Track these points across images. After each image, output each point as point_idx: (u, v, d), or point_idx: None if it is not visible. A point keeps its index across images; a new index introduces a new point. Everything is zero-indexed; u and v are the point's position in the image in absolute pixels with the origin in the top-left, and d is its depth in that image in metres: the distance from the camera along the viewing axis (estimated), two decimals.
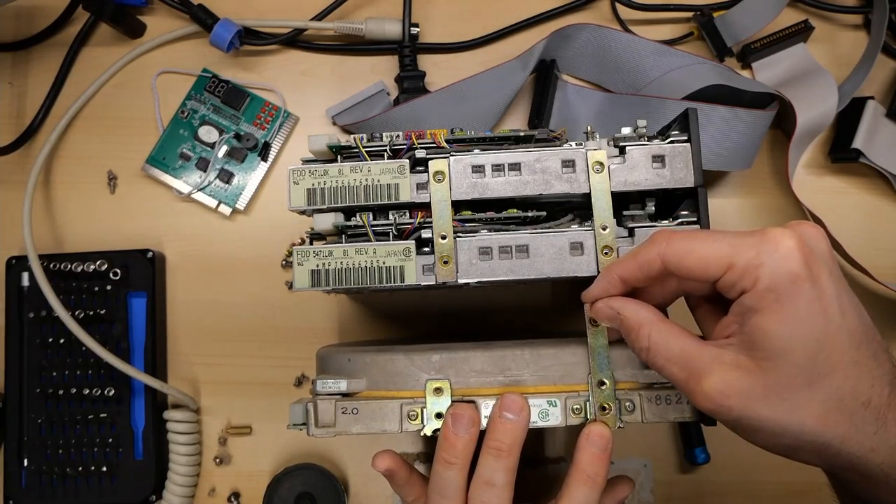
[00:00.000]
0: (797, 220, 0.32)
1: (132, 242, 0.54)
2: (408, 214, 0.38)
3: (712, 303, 0.34)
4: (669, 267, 0.32)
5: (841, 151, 0.52)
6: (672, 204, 0.38)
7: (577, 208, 0.40)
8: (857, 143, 0.51)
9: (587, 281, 0.36)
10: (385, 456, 0.38)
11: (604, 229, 0.36)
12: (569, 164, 0.37)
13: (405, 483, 0.39)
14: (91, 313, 0.52)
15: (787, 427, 0.29)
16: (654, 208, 0.38)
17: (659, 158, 0.37)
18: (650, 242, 0.32)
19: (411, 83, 0.54)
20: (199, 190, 0.54)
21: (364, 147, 0.38)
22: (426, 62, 0.55)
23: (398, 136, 0.38)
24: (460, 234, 0.37)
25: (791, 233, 0.30)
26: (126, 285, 0.52)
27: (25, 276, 0.53)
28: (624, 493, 0.38)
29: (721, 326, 0.32)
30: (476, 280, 0.36)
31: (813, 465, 0.32)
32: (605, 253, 0.36)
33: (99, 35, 0.57)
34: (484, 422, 0.35)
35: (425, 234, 0.37)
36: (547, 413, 0.35)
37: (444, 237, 0.36)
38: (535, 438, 0.51)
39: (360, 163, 0.37)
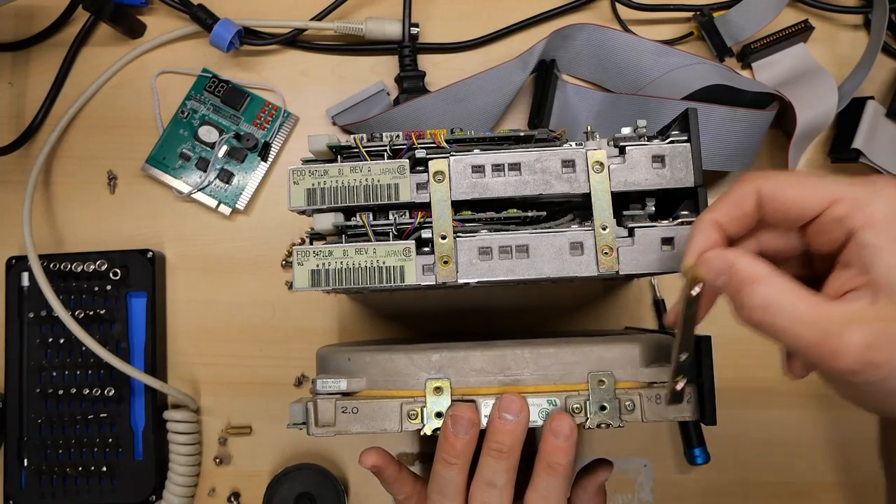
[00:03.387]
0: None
1: (132, 242, 0.54)
2: (408, 214, 0.38)
3: (798, 267, 0.32)
4: (765, 202, 0.29)
5: (841, 151, 0.52)
6: (672, 204, 0.38)
7: (577, 208, 0.40)
8: (857, 143, 0.51)
9: (587, 280, 0.36)
10: (372, 452, 0.38)
11: (604, 229, 0.36)
12: (569, 164, 0.37)
13: (394, 481, 0.39)
14: (91, 313, 0.52)
15: None
16: (654, 208, 0.38)
17: (659, 158, 0.37)
18: (742, 181, 0.30)
19: (411, 83, 0.54)
20: (199, 190, 0.54)
21: (364, 147, 0.38)
22: (426, 62, 0.55)
23: (398, 136, 0.38)
24: (460, 234, 0.37)
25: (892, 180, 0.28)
26: (126, 285, 0.53)
27: (25, 276, 0.53)
28: (603, 476, 0.39)
29: (837, 283, 0.29)
30: (476, 280, 0.36)
31: None
32: (605, 253, 0.36)
33: (99, 35, 0.57)
34: (484, 421, 0.35)
35: (425, 234, 0.37)
36: (547, 413, 0.35)
37: (444, 237, 0.36)
38: (534, 436, 0.51)
39: (360, 163, 0.37)
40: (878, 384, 0.27)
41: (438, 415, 0.35)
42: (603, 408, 0.35)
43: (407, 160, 0.37)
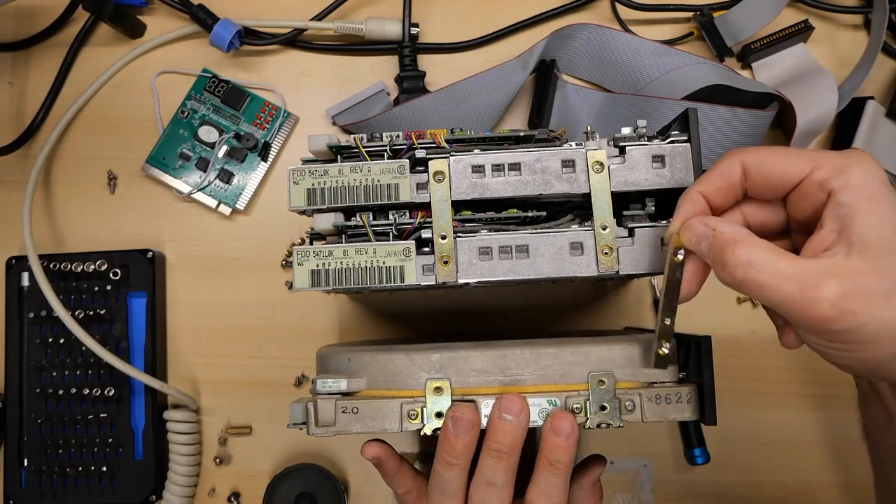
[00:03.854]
0: None
1: (132, 242, 0.54)
2: (408, 214, 0.38)
3: (780, 238, 0.34)
4: (750, 172, 0.32)
5: None
6: (672, 204, 0.38)
7: (577, 208, 0.40)
8: (857, 143, 0.51)
9: (587, 280, 0.36)
10: (374, 444, 0.38)
11: (604, 229, 0.36)
12: (569, 164, 0.37)
13: (395, 474, 0.39)
14: (91, 313, 0.52)
15: None
16: (654, 208, 0.38)
17: (659, 158, 0.37)
18: (727, 155, 0.33)
19: (411, 83, 0.54)
20: (199, 190, 0.54)
21: (364, 147, 0.38)
22: (426, 62, 0.55)
23: (398, 136, 0.38)
24: (460, 234, 0.37)
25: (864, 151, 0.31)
26: (126, 285, 0.53)
27: (25, 276, 0.53)
28: (597, 471, 0.39)
29: (814, 244, 0.31)
30: (476, 280, 0.36)
31: None
32: (605, 253, 0.36)
33: (99, 35, 0.57)
34: (484, 421, 0.35)
35: (425, 234, 0.37)
36: (547, 413, 0.35)
37: (444, 237, 0.36)
38: (535, 436, 0.51)
39: (360, 163, 0.37)
40: (855, 332, 0.29)
41: (438, 415, 0.35)
42: (603, 408, 0.35)
43: (407, 160, 0.37)
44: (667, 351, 0.34)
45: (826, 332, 0.29)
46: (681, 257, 0.33)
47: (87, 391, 0.51)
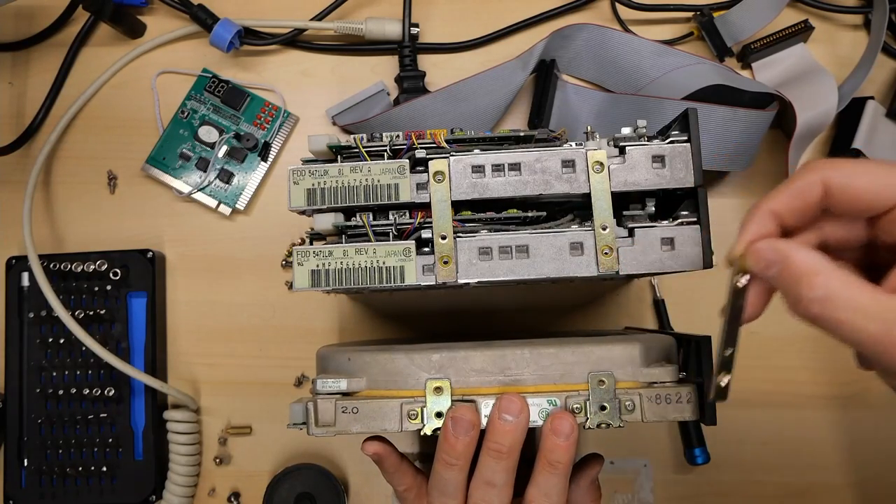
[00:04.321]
0: None
1: (132, 242, 0.54)
2: (408, 214, 0.38)
3: (859, 257, 0.31)
4: (834, 192, 0.28)
5: (841, 151, 0.52)
6: (672, 204, 0.38)
7: (577, 208, 0.40)
8: (857, 143, 0.51)
9: (587, 280, 0.36)
10: (374, 441, 0.38)
11: (604, 229, 0.36)
12: (569, 164, 0.37)
13: (395, 471, 0.39)
14: (91, 313, 0.52)
15: None
16: (654, 208, 0.38)
17: (659, 158, 0.37)
18: (806, 169, 0.29)
19: (411, 83, 0.54)
20: (199, 190, 0.54)
21: (364, 147, 0.38)
22: (426, 62, 0.55)
23: (398, 136, 0.38)
24: (460, 234, 0.37)
25: None
26: (126, 285, 0.53)
27: (25, 276, 0.53)
28: (595, 470, 0.39)
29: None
30: (476, 280, 0.36)
31: None
32: (605, 253, 0.36)
33: (99, 35, 0.57)
34: (484, 421, 0.35)
35: (425, 234, 0.37)
36: (547, 412, 0.35)
37: (444, 237, 0.36)
38: (535, 436, 0.51)
39: (360, 163, 0.37)
40: None
41: (438, 415, 0.35)
42: (603, 408, 0.35)
43: (407, 160, 0.37)
44: (726, 383, 0.31)
45: None
46: (745, 282, 0.30)
47: (87, 391, 0.51)
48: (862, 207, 0.28)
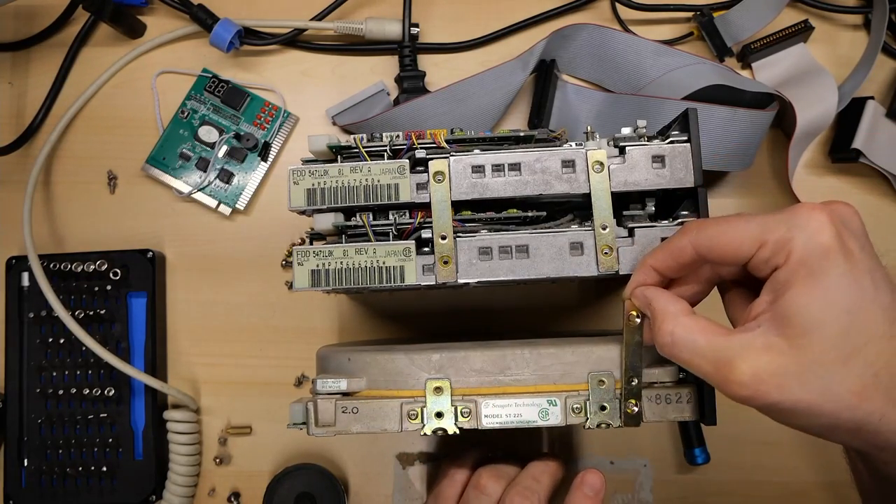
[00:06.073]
0: (829, 199, 0.31)
1: (132, 242, 0.54)
2: (408, 214, 0.38)
3: (743, 287, 0.34)
4: (701, 252, 0.32)
5: (841, 151, 0.52)
6: (672, 204, 0.38)
7: (577, 208, 0.40)
8: (857, 143, 0.51)
9: (587, 280, 0.36)
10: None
11: (604, 229, 0.36)
12: (569, 164, 0.37)
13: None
14: (91, 313, 0.52)
15: (823, 406, 0.28)
16: (654, 208, 0.38)
17: (659, 158, 0.37)
18: (681, 232, 0.33)
19: (411, 83, 0.54)
20: (199, 190, 0.54)
21: (364, 147, 0.38)
22: (426, 62, 0.55)
23: (398, 136, 0.38)
24: (460, 234, 0.37)
25: (822, 207, 0.29)
26: (126, 285, 0.53)
27: (25, 276, 0.53)
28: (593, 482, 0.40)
29: (752, 309, 0.31)
30: (476, 280, 0.37)
31: (851, 447, 0.32)
32: (605, 253, 0.36)
33: (99, 35, 0.57)
34: (485, 422, 0.35)
35: (425, 234, 0.37)
36: (547, 412, 0.35)
37: (444, 237, 0.36)
38: (534, 436, 0.51)
39: (360, 163, 0.37)
40: (774, 408, 0.29)
41: (438, 415, 0.35)
42: (603, 408, 0.35)
43: (407, 160, 0.37)
44: (636, 409, 0.35)
45: (752, 406, 0.30)
46: (638, 321, 0.35)
47: (87, 391, 0.51)
48: (729, 261, 0.31)
